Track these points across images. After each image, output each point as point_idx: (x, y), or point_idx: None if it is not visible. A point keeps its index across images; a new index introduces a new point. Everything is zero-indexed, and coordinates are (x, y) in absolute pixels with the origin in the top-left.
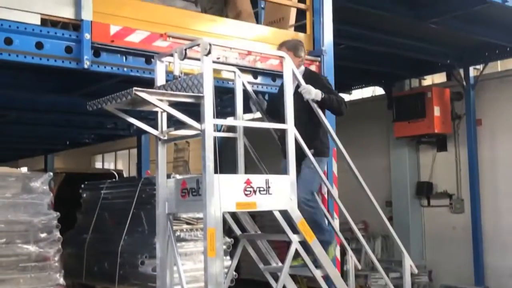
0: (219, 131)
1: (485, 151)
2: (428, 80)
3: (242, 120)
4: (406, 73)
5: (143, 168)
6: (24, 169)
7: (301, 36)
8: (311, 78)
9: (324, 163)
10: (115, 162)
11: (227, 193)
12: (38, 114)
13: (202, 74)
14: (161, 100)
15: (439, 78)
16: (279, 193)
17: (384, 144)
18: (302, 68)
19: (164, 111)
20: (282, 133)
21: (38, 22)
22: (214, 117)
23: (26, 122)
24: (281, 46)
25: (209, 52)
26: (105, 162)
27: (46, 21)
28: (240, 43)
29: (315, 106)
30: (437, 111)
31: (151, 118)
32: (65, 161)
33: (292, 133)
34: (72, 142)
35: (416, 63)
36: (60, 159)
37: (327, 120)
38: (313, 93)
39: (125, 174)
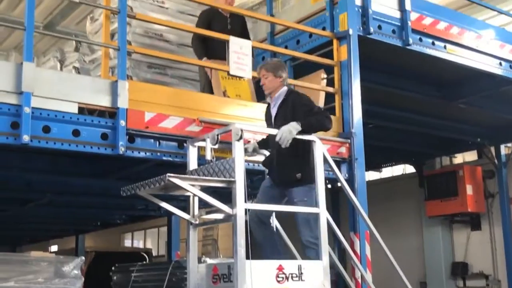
0: None
1: None
2: (459, 158)
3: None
4: (436, 151)
5: (173, 249)
6: (54, 248)
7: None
8: (292, 100)
9: (315, 190)
10: (144, 240)
11: (259, 280)
12: (72, 197)
13: (233, 159)
14: (193, 185)
15: (470, 156)
16: (312, 279)
17: (417, 223)
18: (285, 88)
19: (196, 196)
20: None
21: (76, 111)
22: (245, 201)
23: (60, 205)
24: (260, 69)
25: (240, 137)
26: (134, 240)
27: (83, 109)
28: (268, 128)
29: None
30: (469, 190)
31: (181, 198)
32: (95, 239)
33: (324, 216)
34: (103, 223)
35: (446, 141)
36: (90, 237)
37: (358, 201)
38: (289, 133)
39: (154, 253)
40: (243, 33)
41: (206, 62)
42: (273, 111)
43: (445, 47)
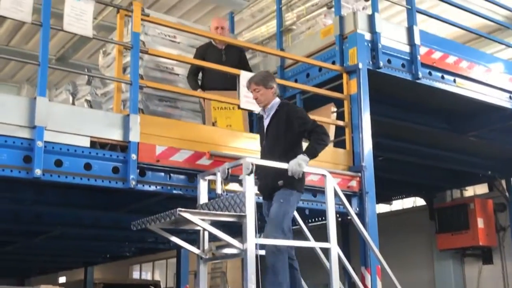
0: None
1: None
2: (470, 191)
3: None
4: (447, 184)
5: (181, 282)
6: (62, 279)
7: (340, 152)
8: (286, 112)
9: (296, 197)
10: (153, 272)
11: None
12: (82, 229)
13: (244, 193)
14: (203, 220)
15: (481, 189)
16: None
17: (428, 256)
18: (277, 100)
19: (206, 230)
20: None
21: (88, 145)
22: (256, 236)
23: (70, 237)
24: (249, 83)
25: (251, 172)
26: (142, 272)
27: (95, 143)
28: (279, 163)
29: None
30: (480, 223)
31: (191, 231)
32: (103, 271)
33: (336, 251)
34: (112, 255)
35: (457, 174)
36: (99, 268)
37: (369, 235)
38: (299, 166)
39: (163, 285)
40: (241, 65)
41: (205, 93)
42: (266, 122)
43: (454, 80)
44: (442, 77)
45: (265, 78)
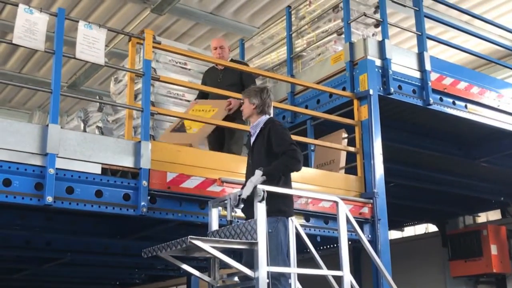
0: None
1: None
2: (482, 217)
3: (295, 267)
4: (459, 210)
5: None
6: None
7: (352, 178)
8: (268, 130)
9: (283, 223)
10: None
11: None
12: (92, 256)
13: (256, 220)
14: (214, 247)
15: (494, 215)
16: None
17: (441, 283)
18: (264, 118)
19: (218, 258)
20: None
21: (99, 172)
22: (268, 264)
23: (80, 264)
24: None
25: (263, 198)
26: None
27: (107, 170)
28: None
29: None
30: (494, 250)
31: (201, 258)
32: None
33: (348, 279)
34: (122, 282)
35: (469, 200)
36: None
37: (382, 262)
38: (248, 190)
39: None
40: (242, 84)
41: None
42: (252, 139)
43: (466, 106)
44: (453, 103)
45: (251, 93)
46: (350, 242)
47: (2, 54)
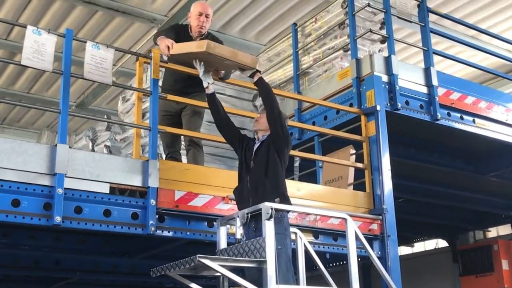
0: None
1: None
2: (493, 232)
3: (304, 284)
4: (469, 225)
5: None
6: None
7: (360, 194)
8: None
9: (289, 239)
10: None
11: None
12: (101, 276)
13: (264, 238)
14: (223, 266)
15: (505, 229)
16: None
17: None
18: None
19: (226, 277)
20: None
21: (107, 191)
22: (277, 283)
23: (88, 283)
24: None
25: (271, 216)
26: None
27: (115, 189)
28: (299, 206)
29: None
30: (505, 265)
31: (210, 277)
32: None
33: None
34: None
35: (479, 215)
36: None
37: (392, 279)
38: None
39: None
40: None
41: None
42: (256, 145)
43: (474, 121)
44: (461, 118)
45: None
46: (359, 259)
47: (11, 75)
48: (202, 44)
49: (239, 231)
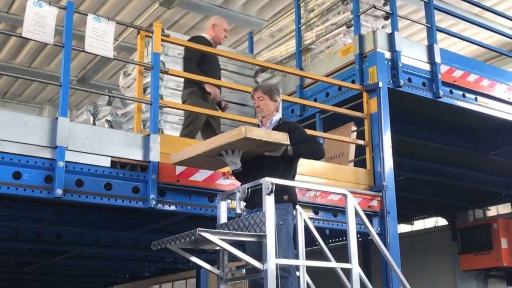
0: None
1: None
2: (492, 211)
3: (304, 259)
4: (469, 203)
5: None
6: None
7: (361, 171)
8: (288, 129)
9: (291, 216)
10: None
11: None
12: (101, 249)
13: (264, 213)
14: (223, 240)
15: (504, 208)
16: None
17: (451, 277)
18: (278, 116)
19: (226, 250)
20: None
21: (108, 165)
22: (276, 257)
23: (89, 257)
24: (255, 91)
25: (271, 191)
26: None
27: (116, 163)
28: (299, 182)
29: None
30: (504, 243)
31: (210, 251)
32: None
33: (357, 272)
34: (132, 275)
35: (479, 194)
36: None
37: (391, 256)
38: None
39: None
40: None
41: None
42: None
43: (476, 99)
44: (463, 96)
45: (272, 90)
46: (359, 235)
47: (12, 48)
48: (240, 131)
49: (239, 206)
